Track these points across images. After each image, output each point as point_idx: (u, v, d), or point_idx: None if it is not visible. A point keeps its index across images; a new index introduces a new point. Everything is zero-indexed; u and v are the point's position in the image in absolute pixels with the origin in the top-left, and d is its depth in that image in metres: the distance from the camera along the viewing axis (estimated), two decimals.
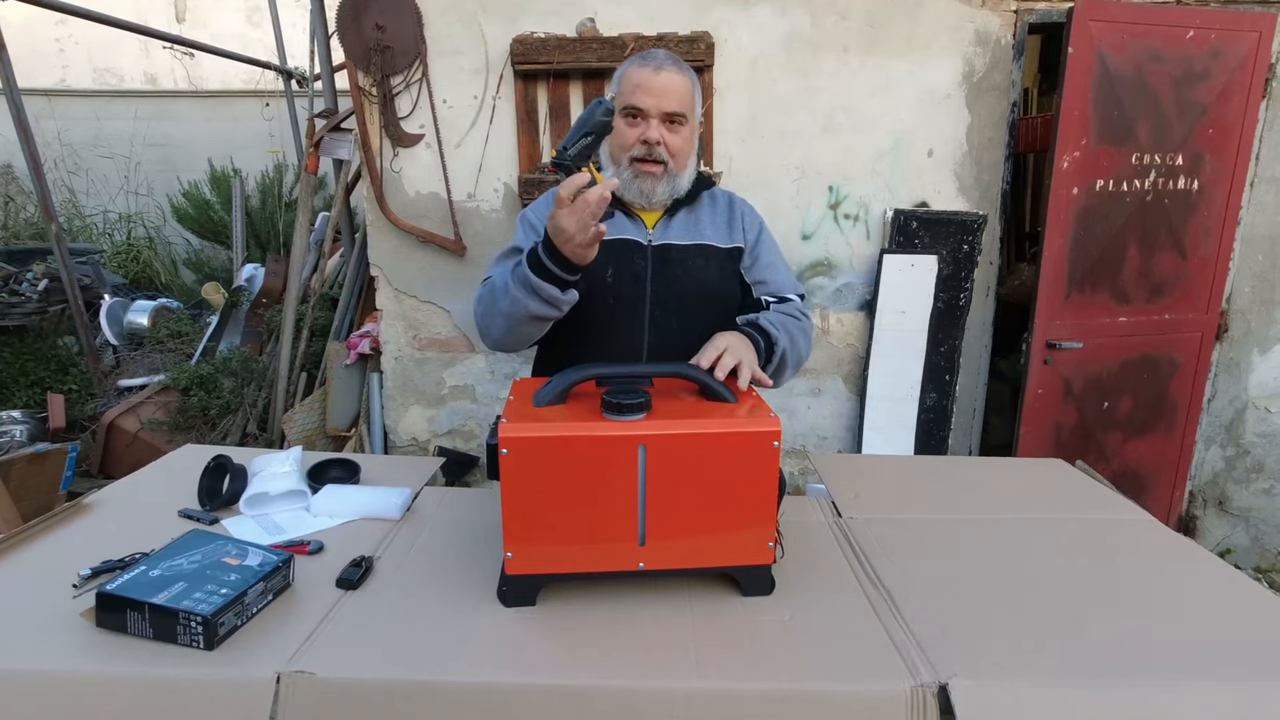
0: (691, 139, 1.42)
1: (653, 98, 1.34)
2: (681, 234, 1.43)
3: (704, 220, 1.46)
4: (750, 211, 1.53)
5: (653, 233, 1.43)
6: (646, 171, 1.37)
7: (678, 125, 1.37)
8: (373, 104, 2.80)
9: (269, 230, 5.91)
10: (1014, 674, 0.92)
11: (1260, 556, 3.18)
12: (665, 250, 1.41)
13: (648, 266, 1.41)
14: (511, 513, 1.01)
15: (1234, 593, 1.14)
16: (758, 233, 1.50)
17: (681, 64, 1.38)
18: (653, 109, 1.34)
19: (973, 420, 3.11)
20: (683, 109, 1.36)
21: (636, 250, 1.41)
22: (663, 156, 1.36)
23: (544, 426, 1.00)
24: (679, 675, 0.91)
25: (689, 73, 1.39)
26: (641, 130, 1.35)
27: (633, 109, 1.36)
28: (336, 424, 3.22)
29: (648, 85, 1.34)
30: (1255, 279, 2.94)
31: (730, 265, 1.46)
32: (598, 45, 2.67)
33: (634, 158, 1.37)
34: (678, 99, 1.35)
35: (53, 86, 7.09)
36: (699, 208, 1.48)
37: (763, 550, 1.06)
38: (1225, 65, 2.63)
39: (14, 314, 4.11)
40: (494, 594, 1.09)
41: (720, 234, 1.46)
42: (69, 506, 1.34)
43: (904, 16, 2.71)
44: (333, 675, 0.90)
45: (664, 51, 1.39)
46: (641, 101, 1.34)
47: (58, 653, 0.94)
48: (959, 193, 2.86)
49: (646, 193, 1.39)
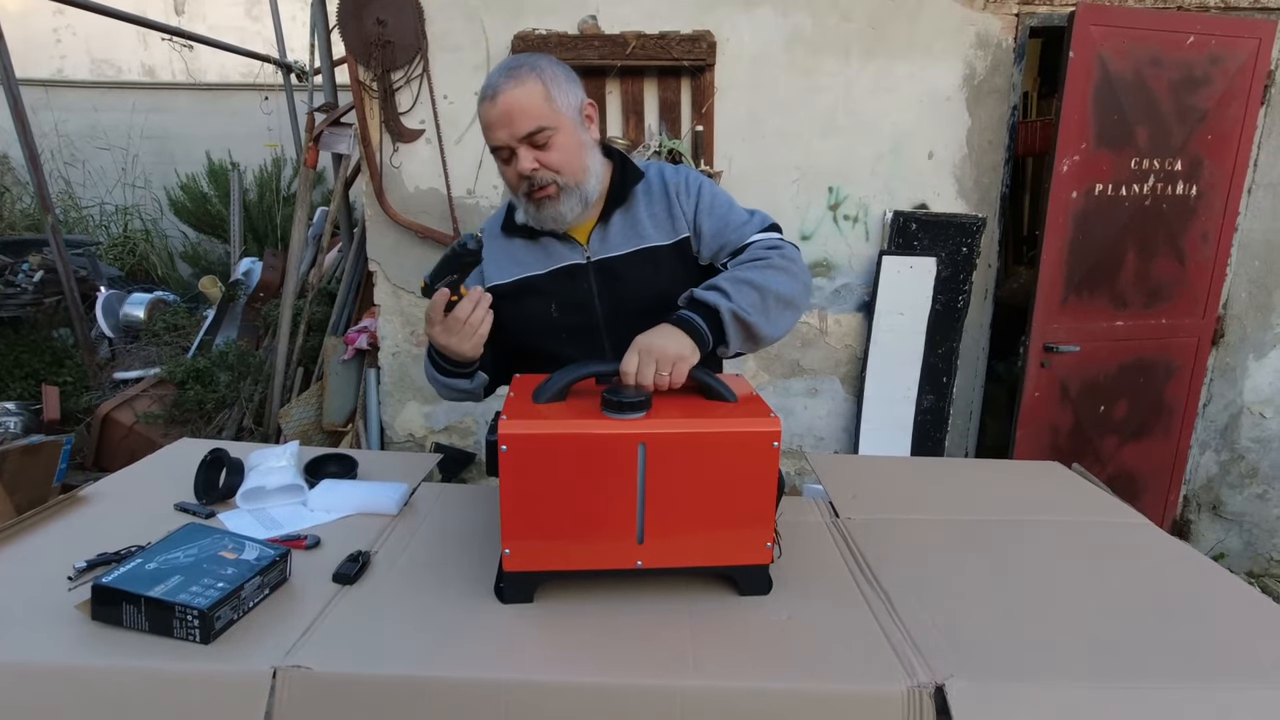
0: (571, 144, 1.26)
1: (503, 129, 1.22)
2: (620, 241, 1.33)
3: (642, 218, 1.34)
4: (686, 183, 1.37)
5: (589, 247, 1.33)
6: (542, 197, 1.27)
7: (545, 141, 1.23)
8: (373, 99, 2.80)
9: (266, 224, 5.89)
10: (1010, 675, 0.92)
11: (1253, 561, 3.20)
12: (608, 266, 1.32)
13: (592, 288, 1.33)
14: (510, 509, 1.00)
15: (1229, 597, 1.14)
16: (696, 199, 1.35)
17: (520, 71, 1.22)
18: (508, 140, 1.23)
19: (969, 422, 3.12)
20: (539, 123, 1.21)
21: (577, 273, 1.33)
22: (546, 179, 1.25)
23: (544, 424, 1.00)
24: (676, 674, 0.91)
25: (534, 73, 1.22)
26: (515, 166, 1.25)
27: (495, 148, 1.26)
28: (333, 419, 3.21)
29: (492, 119, 1.22)
30: (1252, 285, 2.95)
31: (681, 261, 1.35)
32: (599, 42, 2.67)
33: (525, 193, 1.28)
34: (526, 117, 1.21)
35: (50, 77, 7.06)
36: (634, 205, 1.35)
37: (760, 550, 1.06)
38: (1225, 71, 2.64)
39: (9, 305, 4.10)
40: (491, 590, 1.08)
41: (663, 229, 1.34)
42: (65, 499, 1.34)
43: (905, 18, 2.71)
44: (328, 670, 0.89)
45: (501, 67, 1.25)
46: (495, 139, 1.24)
47: (53, 645, 0.93)
48: (958, 195, 2.86)
49: (555, 218, 1.29)
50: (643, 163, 1.42)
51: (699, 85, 2.74)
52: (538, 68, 1.24)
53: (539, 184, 1.25)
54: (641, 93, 2.77)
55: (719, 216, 1.34)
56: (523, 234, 1.36)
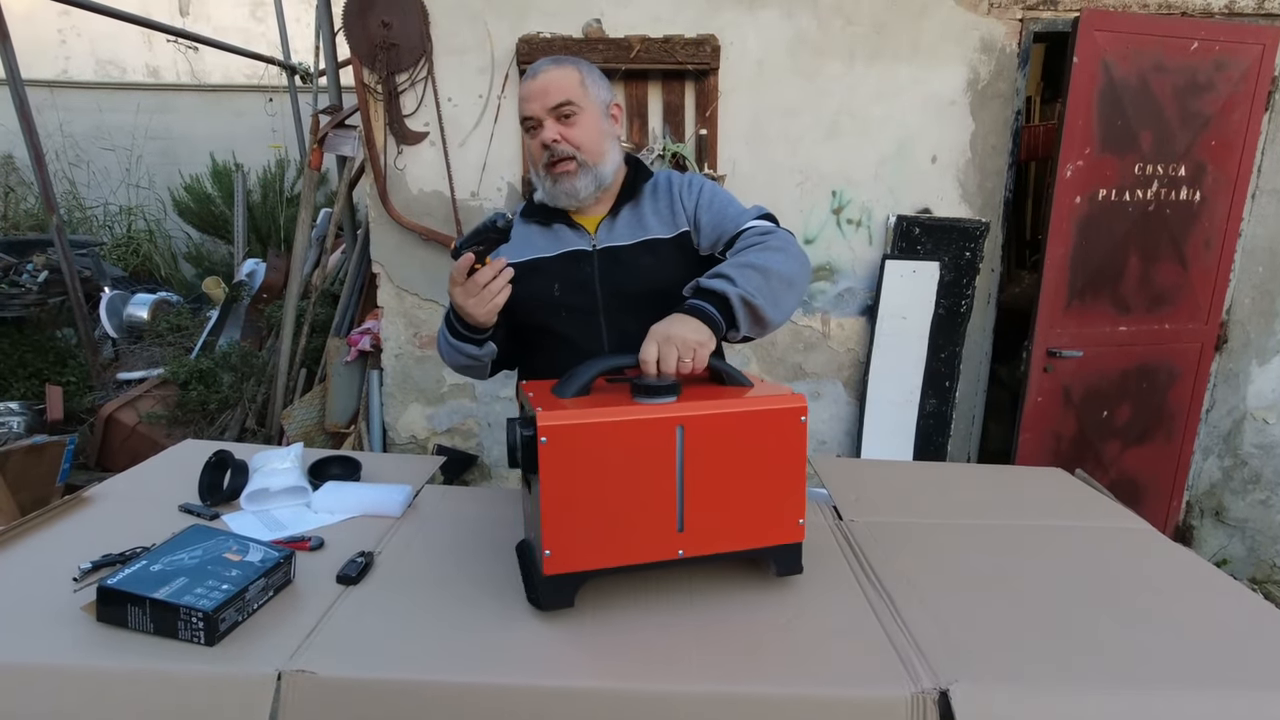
0: (594, 127, 1.37)
1: (535, 101, 1.34)
2: (626, 233, 1.42)
3: (647, 214, 1.44)
4: (689, 183, 1.47)
5: (596, 236, 1.42)
6: (561, 172, 1.37)
7: (571, 116, 1.34)
8: (378, 101, 2.80)
9: (269, 225, 5.91)
10: (1014, 681, 0.92)
11: (1256, 567, 3.19)
12: (611, 253, 1.41)
13: (595, 272, 1.40)
14: (551, 506, 0.97)
15: (1232, 603, 1.14)
16: (697, 196, 1.44)
17: (563, 60, 1.36)
18: (539, 111, 1.34)
19: (972, 427, 3.12)
20: (568, 97, 1.33)
21: (582, 258, 1.41)
22: (567, 151, 1.35)
23: (583, 414, 0.98)
24: (679, 678, 0.91)
25: (573, 63, 1.36)
26: (539, 137, 1.35)
27: (526, 120, 1.37)
28: (336, 421, 3.22)
29: (528, 93, 1.34)
30: (1255, 291, 2.95)
31: (680, 255, 1.42)
32: (604, 46, 2.67)
33: (545, 164, 1.37)
34: (559, 91, 1.33)
35: (55, 78, 7.08)
36: (641, 202, 1.45)
37: (794, 528, 1.06)
38: (1229, 77, 2.64)
39: (13, 305, 4.10)
40: (494, 593, 1.08)
41: (664, 224, 1.43)
42: (69, 499, 1.34)
43: (910, 23, 2.72)
44: (333, 674, 0.89)
45: (550, 57, 1.38)
46: (528, 110, 1.35)
47: (59, 646, 0.93)
48: (962, 199, 2.86)
49: (570, 193, 1.38)
50: (652, 169, 1.51)
51: (703, 89, 2.75)
52: (579, 63, 1.38)
53: (559, 155, 1.35)
54: (645, 96, 2.78)
55: (717, 210, 1.42)
56: (539, 219, 1.45)
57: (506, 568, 1.17)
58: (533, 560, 1.08)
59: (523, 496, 1.22)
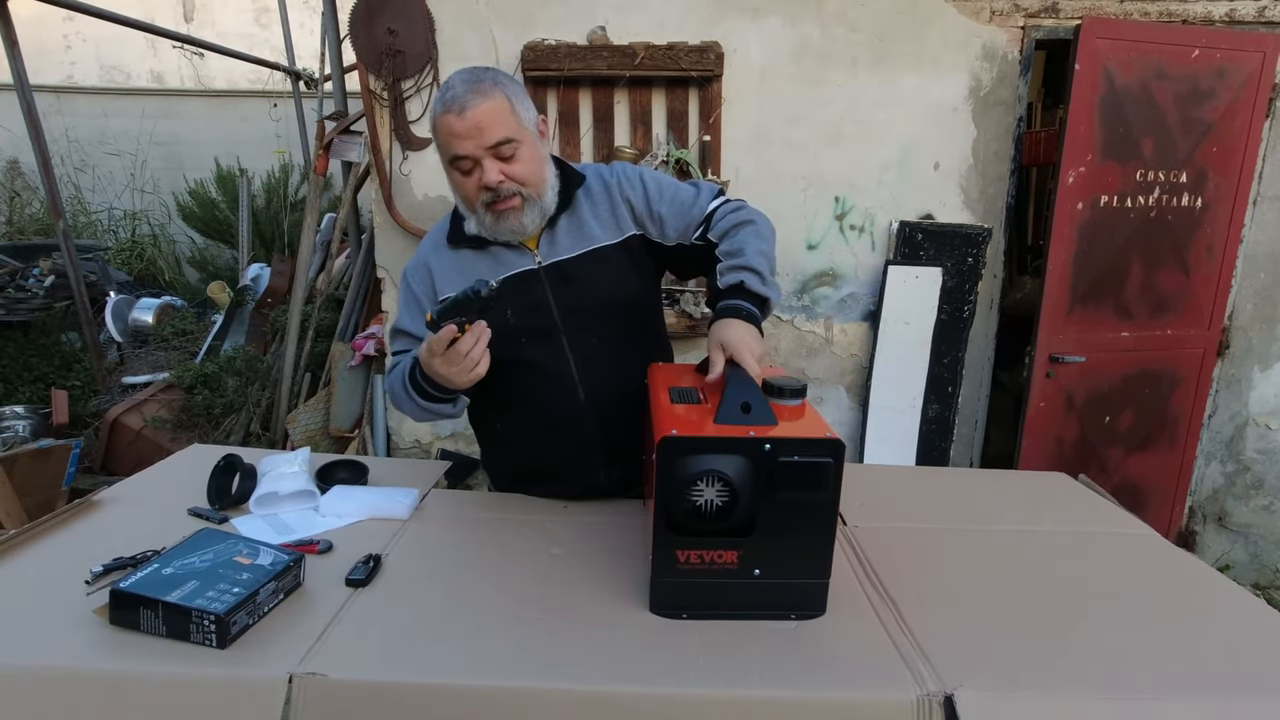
0: (533, 157, 1.29)
1: (469, 140, 1.23)
2: (569, 244, 1.37)
3: (587, 219, 1.38)
4: (625, 178, 1.41)
5: (539, 252, 1.37)
6: (506, 209, 1.29)
7: (510, 152, 1.26)
8: (383, 107, 2.82)
9: (274, 230, 5.92)
10: (1019, 685, 0.93)
11: (1259, 573, 3.19)
12: (559, 268, 1.36)
13: (546, 291, 1.36)
14: None
15: (1235, 608, 1.14)
16: (643, 191, 1.39)
17: (484, 85, 1.24)
18: (474, 150, 1.24)
19: (974, 432, 3.12)
20: (506, 134, 1.24)
21: (529, 279, 1.36)
22: (512, 190, 1.27)
23: (803, 426, 1.07)
24: (684, 682, 0.92)
25: (498, 87, 1.25)
26: (478, 177, 1.26)
27: (457, 159, 1.26)
28: (340, 425, 3.23)
29: (458, 130, 1.23)
30: (1257, 296, 2.96)
31: (630, 258, 1.39)
32: (608, 53, 2.69)
33: (485, 203, 1.29)
34: (496, 128, 1.23)
35: (60, 83, 7.11)
36: (578, 208, 1.38)
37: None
38: (1230, 84, 2.65)
39: (19, 310, 4.13)
40: (503, 594, 1.09)
41: (607, 229, 1.38)
42: (79, 503, 1.35)
43: (913, 31, 2.73)
44: (344, 676, 0.90)
45: (461, 79, 1.25)
46: (459, 149, 1.24)
47: (72, 649, 0.94)
48: (964, 205, 2.88)
49: (516, 229, 1.31)
50: (576, 166, 1.44)
51: (707, 95, 2.76)
52: (500, 82, 1.26)
53: (504, 194, 1.27)
54: (649, 103, 2.79)
55: (671, 198, 1.39)
56: (471, 244, 1.38)
57: (513, 570, 1.18)
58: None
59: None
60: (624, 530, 1.32)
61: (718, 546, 1.02)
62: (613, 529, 1.33)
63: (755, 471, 0.99)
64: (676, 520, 1.00)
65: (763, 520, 1.00)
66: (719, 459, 0.99)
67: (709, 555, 1.02)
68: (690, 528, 1.01)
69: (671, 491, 0.99)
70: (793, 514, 1.01)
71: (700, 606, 1.04)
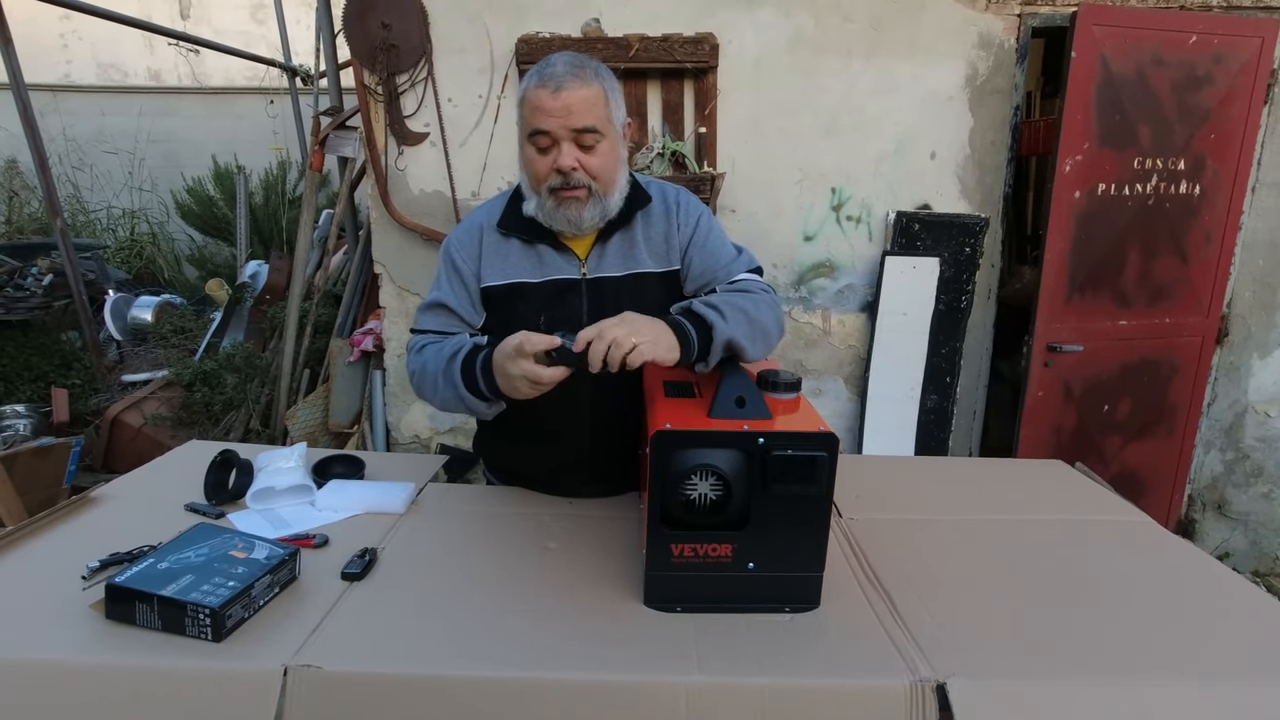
0: (613, 154, 1.27)
1: (555, 118, 1.20)
2: (617, 263, 1.34)
3: (639, 242, 1.35)
4: (687, 212, 1.38)
5: (586, 264, 1.34)
6: (569, 198, 1.26)
7: (592, 143, 1.24)
8: (378, 102, 2.81)
9: (272, 227, 5.93)
10: (1012, 673, 0.93)
11: (1258, 561, 3.19)
12: (600, 285, 1.33)
13: (583, 305, 1.33)
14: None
15: (1233, 596, 1.14)
16: (693, 230, 1.37)
17: (586, 72, 1.22)
18: (559, 130, 1.21)
19: (973, 422, 3.12)
20: (594, 123, 1.22)
21: (570, 289, 1.33)
22: (583, 181, 1.24)
23: (799, 419, 1.06)
24: (680, 670, 0.92)
25: (598, 79, 1.23)
26: (553, 158, 1.23)
27: (537, 134, 1.23)
28: (339, 421, 3.23)
29: (547, 106, 1.20)
30: (1256, 284, 2.95)
31: (665, 291, 1.36)
32: (602, 46, 2.68)
33: (551, 188, 1.26)
34: (586, 114, 1.21)
35: (57, 82, 7.11)
36: (634, 229, 1.36)
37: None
38: (1228, 70, 2.64)
39: (18, 309, 4.13)
40: (497, 586, 1.10)
41: (656, 257, 1.36)
42: (76, 500, 1.36)
43: (908, 19, 2.72)
44: (338, 669, 0.91)
45: (564, 60, 1.23)
46: (544, 124, 1.21)
47: (68, 643, 0.95)
48: (961, 195, 2.87)
49: (574, 220, 1.28)
50: (643, 179, 1.42)
51: (702, 87, 2.75)
52: (601, 75, 1.25)
53: (573, 183, 1.25)
54: (644, 95, 2.79)
55: (710, 252, 1.37)
56: (520, 234, 1.35)
57: (508, 563, 1.19)
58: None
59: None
60: (619, 524, 1.32)
61: (712, 540, 1.02)
62: (608, 523, 1.33)
63: (749, 465, 0.99)
64: (671, 514, 1.01)
65: (757, 514, 1.01)
66: (713, 453, 0.99)
67: (703, 549, 1.02)
68: (684, 521, 1.01)
69: (666, 485, 0.99)
70: (786, 508, 1.01)
71: (694, 600, 1.04)
